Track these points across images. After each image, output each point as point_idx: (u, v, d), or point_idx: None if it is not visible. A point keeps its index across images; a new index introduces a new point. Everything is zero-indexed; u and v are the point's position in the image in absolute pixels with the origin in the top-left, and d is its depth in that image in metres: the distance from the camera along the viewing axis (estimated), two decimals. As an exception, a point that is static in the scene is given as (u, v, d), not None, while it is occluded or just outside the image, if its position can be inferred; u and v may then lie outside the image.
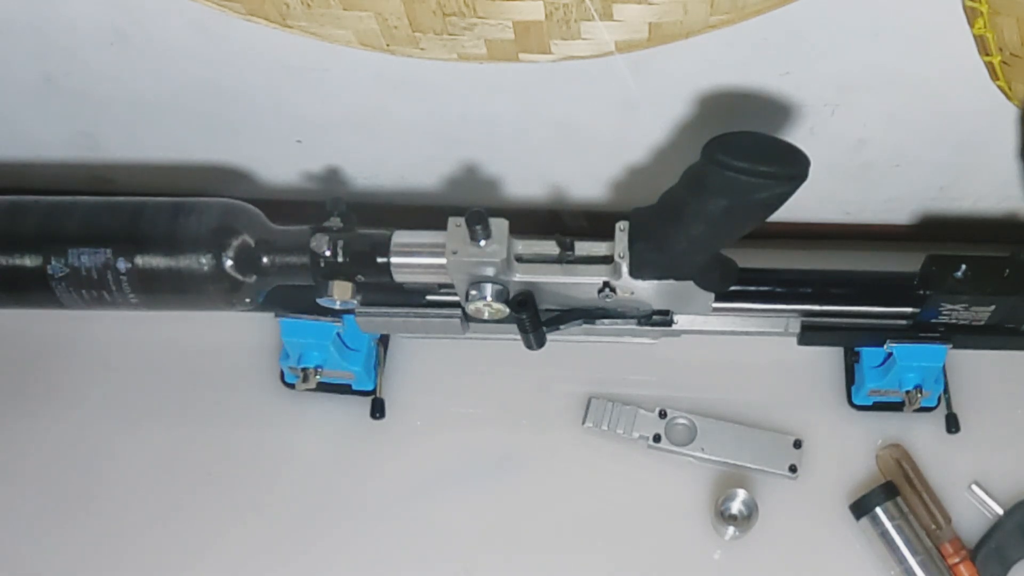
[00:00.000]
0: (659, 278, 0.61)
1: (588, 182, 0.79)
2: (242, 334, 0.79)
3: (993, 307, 0.67)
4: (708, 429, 0.75)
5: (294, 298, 0.69)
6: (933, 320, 0.69)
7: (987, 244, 0.75)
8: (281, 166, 0.79)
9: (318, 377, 0.73)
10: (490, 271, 0.61)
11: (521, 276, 0.62)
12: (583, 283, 0.62)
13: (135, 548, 0.73)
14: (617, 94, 0.67)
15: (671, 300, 0.65)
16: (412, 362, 0.79)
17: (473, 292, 0.62)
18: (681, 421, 0.75)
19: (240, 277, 0.63)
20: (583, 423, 0.75)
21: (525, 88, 0.67)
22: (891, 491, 0.72)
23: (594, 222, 0.83)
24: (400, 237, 0.62)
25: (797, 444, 0.74)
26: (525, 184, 0.79)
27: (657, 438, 0.74)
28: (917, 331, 0.70)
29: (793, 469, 0.74)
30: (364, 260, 0.62)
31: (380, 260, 0.62)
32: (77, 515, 0.74)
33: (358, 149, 0.76)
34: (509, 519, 0.74)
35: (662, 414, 0.75)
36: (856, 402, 0.77)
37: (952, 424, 0.75)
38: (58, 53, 0.67)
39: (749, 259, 0.64)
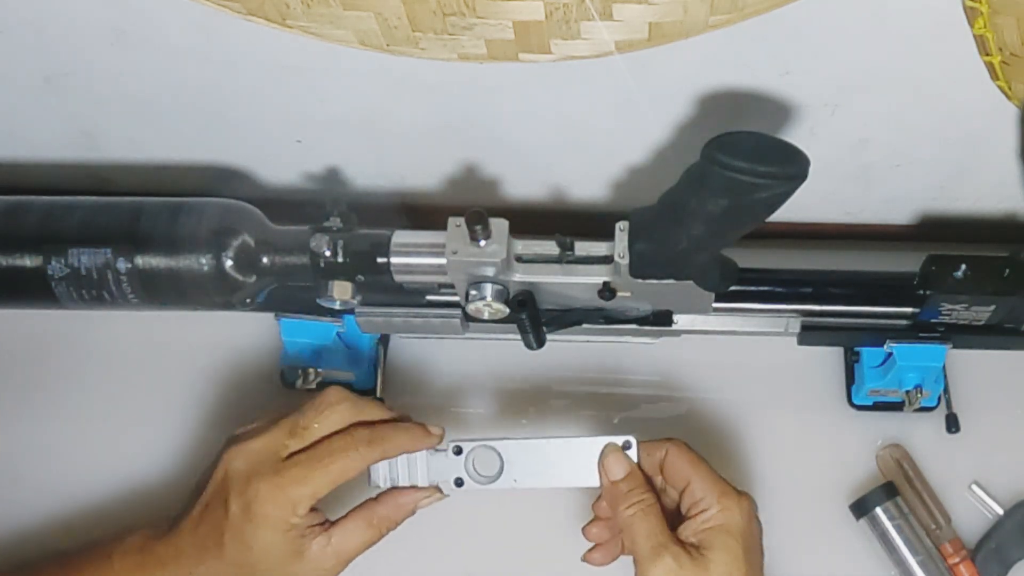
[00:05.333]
0: (659, 278, 0.61)
1: (588, 182, 0.79)
2: (242, 334, 0.79)
3: (993, 307, 0.67)
4: (515, 455, 0.62)
5: (294, 298, 0.69)
6: (933, 320, 0.69)
7: (987, 244, 0.75)
8: (281, 166, 0.79)
9: (318, 377, 0.73)
10: (490, 271, 0.61)
11: (521, 276, 0.62)
12: (583, 283, 0.62)
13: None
14: (617, 94, 0.67)
15: (671, 300, 0.65)
16: (412, 362, 0.79)
17: (473, 292, 0.62)
18: (479, 453, 0.62)
19: (240, 277, 0.63)
20: (368, 484, 0.63)
21: (525, 88, 0.67)
22: (891, 491, 0.72)
23: (594, 222, 0.83)
24: (400, 237, 0.62)
25: (627, 446, 0.61)
26: (525, 184, 0.79)
27: (459, 482, 0.62)
28: (917, 331, 0.70)
29: None
30: (364, 260, 0.62)
31: (380, 260, 0.62)
32: (76, 515, 0.74)
33: (358, 149, 0.76)
34: (509, 519, 0.74)
35: (457, 450, 0.62)
36: (856, 402, 0.77)
37: (952, 424, 0.75)
38: (58, 53, 0.67)
39: (749, 259, 0.64)
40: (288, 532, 0.59)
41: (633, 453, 0.61)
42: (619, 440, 0.61)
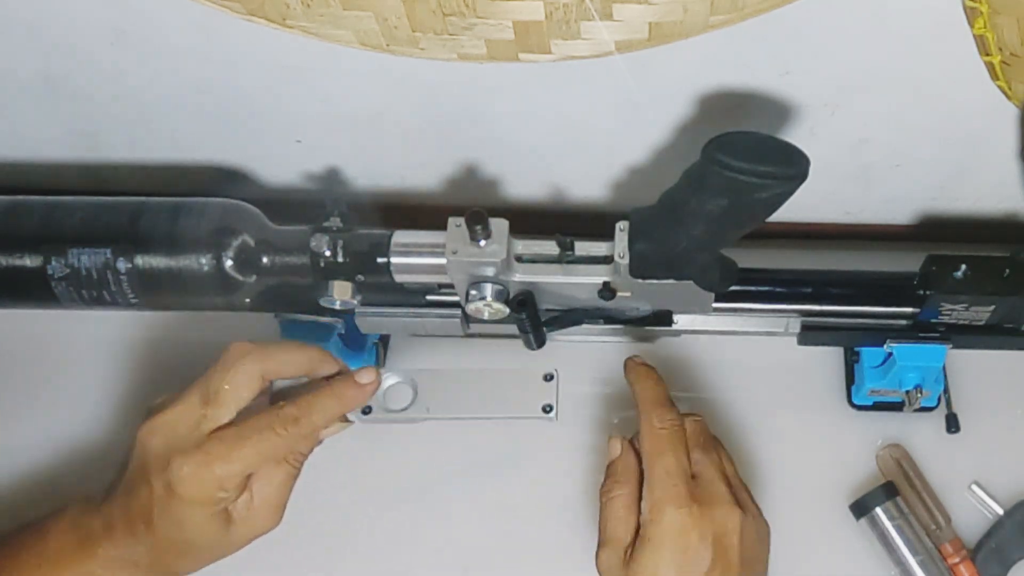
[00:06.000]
0: (659, 278, 0.61)
1: (588, 182, 0.79)
2: (242, 334, 0.78)
3: (993, 307, 0.67)
4: (430, 385, 0.64)
5: (294, 298, 0.69)
6: (933, 320, 0.69)
7: (987, 244, 0.75)
8: (281, 166, 0.79)
9: (318, 377, 0.73)
10: (490, 271, 0.61)
11: (521, 276, 0.62)
12: (583, 283, 0.62)
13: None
14: (617, 94, 0.67)
15: (671, 300, 0.65)
16: (412, 362, 0.79)
17: (473, 292, 0.62)
18: (392, 382, 0.63)
19: (240, 277, 0.63)
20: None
21: (525, 88, 0.67)
22: (891, 491, 0.72)
23: (594, 222, 0.83)
24: (400, 237, 0.62)
25: (548, 378, 0.62)
26: (525, 184, 0.79)
27: (367, 410, 0.62)
28: (917, 331, 0.70)
29: (547, 409, 0.67)
30: (364, 260, 0.62)
31: (380, 260, 0.62)
32: (77, 515, 0.74)
33: (358, 149, 0.76)
34: (509, 519, 0.74)
35: None
36: (856, 402, 0.77)
37: (952, 424, 0.75)
38: (58, 53, 0.67)
39: (749, 259, 0.64)
40: (216, 505, 0.57)
41: (554, 384, 0.66)
42: (538, 372, 0.64)
